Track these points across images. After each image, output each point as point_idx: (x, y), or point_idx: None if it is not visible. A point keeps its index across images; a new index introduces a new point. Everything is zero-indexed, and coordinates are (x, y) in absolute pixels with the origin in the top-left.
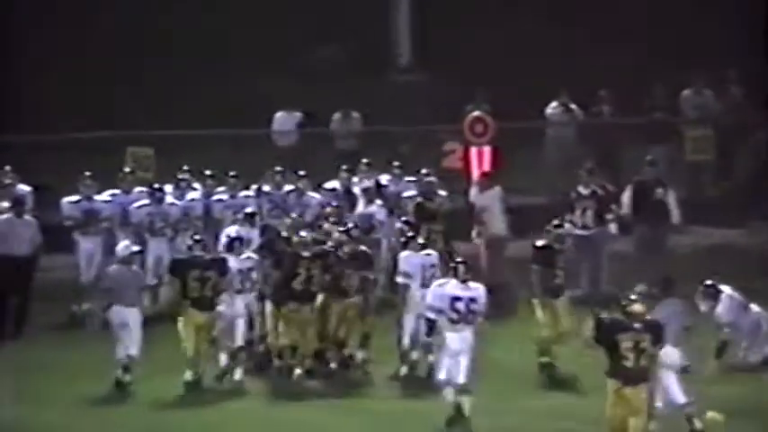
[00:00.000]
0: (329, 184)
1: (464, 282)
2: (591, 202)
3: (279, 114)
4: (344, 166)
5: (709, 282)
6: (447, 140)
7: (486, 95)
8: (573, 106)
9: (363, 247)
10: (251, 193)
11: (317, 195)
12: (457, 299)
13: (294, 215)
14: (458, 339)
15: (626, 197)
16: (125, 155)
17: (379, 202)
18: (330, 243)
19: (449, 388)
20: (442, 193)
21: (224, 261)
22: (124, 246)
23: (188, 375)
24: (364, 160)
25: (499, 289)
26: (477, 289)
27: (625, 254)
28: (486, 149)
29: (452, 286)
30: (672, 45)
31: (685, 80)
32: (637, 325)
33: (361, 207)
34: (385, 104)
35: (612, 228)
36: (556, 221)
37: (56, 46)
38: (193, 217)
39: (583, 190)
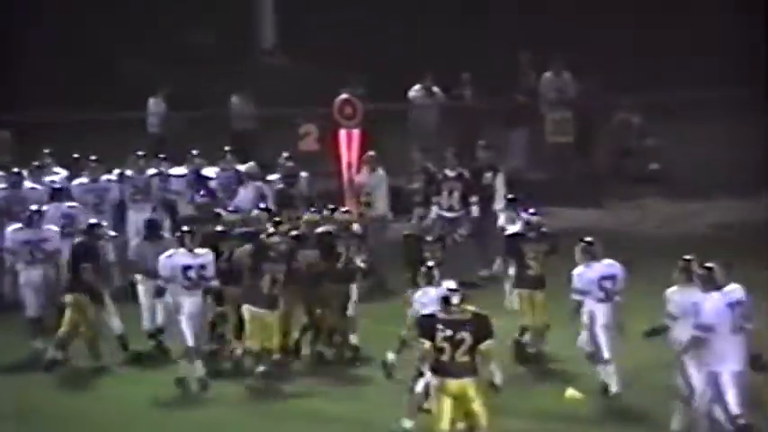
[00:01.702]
0: (178, 170)
1: (191, 250)
2: (457, 184)
3: (152, 101)
4: (195, 151)
5: (589, 239)
6: (303, 123)
7: (361, 79)
8: (435, 89)
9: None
10: (113, 177)
11: (181, 179)
12: (188, 267)
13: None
14: (192, 303)
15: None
16: None
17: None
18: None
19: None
20: (304, 175)
21: None
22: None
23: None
24: (227, 147)
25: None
26: (206, 255)
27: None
28: (356, 132)
29: (181, 255)
30: (538, 29)
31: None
32: None
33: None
34: (250, 87)
35: (475, 210)
36: (532, 209)
37: None
38: None
39: (449, 172)
